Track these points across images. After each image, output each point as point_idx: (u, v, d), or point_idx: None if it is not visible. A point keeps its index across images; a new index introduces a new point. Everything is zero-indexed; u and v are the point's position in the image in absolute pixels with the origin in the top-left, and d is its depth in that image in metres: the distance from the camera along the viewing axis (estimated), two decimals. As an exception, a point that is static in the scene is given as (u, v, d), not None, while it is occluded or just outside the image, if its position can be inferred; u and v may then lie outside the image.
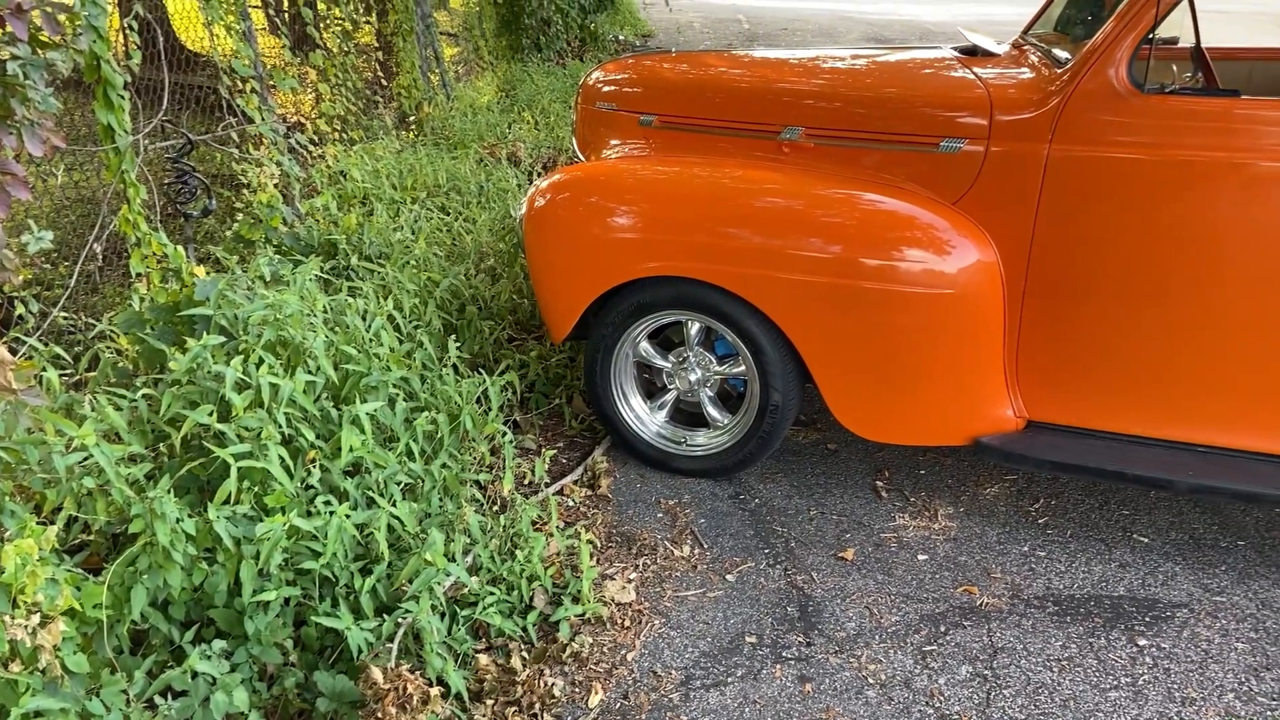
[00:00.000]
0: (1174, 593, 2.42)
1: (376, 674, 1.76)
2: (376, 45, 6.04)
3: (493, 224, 4.03)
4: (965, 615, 2.35)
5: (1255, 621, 2.31)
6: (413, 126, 6.03)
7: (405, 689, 1.72)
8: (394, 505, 2.18)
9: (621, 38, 9.91)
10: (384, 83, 6.17)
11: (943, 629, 2.30)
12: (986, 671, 2.17)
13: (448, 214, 4.22)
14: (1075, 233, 2.42)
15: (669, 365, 2.91)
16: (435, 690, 1.80)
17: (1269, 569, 2.50)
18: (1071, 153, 2.40)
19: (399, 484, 2.30)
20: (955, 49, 3.12)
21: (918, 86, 2.81)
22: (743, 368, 2.81)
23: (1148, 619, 2.32)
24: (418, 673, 1.86)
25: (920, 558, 2.57)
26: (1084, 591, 2.43)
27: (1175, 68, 2.95)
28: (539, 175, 5.15)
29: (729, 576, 2.50)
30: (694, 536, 2.66)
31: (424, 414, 2.45)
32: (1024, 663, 2.19)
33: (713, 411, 2.92)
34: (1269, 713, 2.04)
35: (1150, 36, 2.31)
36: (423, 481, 2.38)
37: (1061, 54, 2.57)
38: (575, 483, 2.86)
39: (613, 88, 3.24)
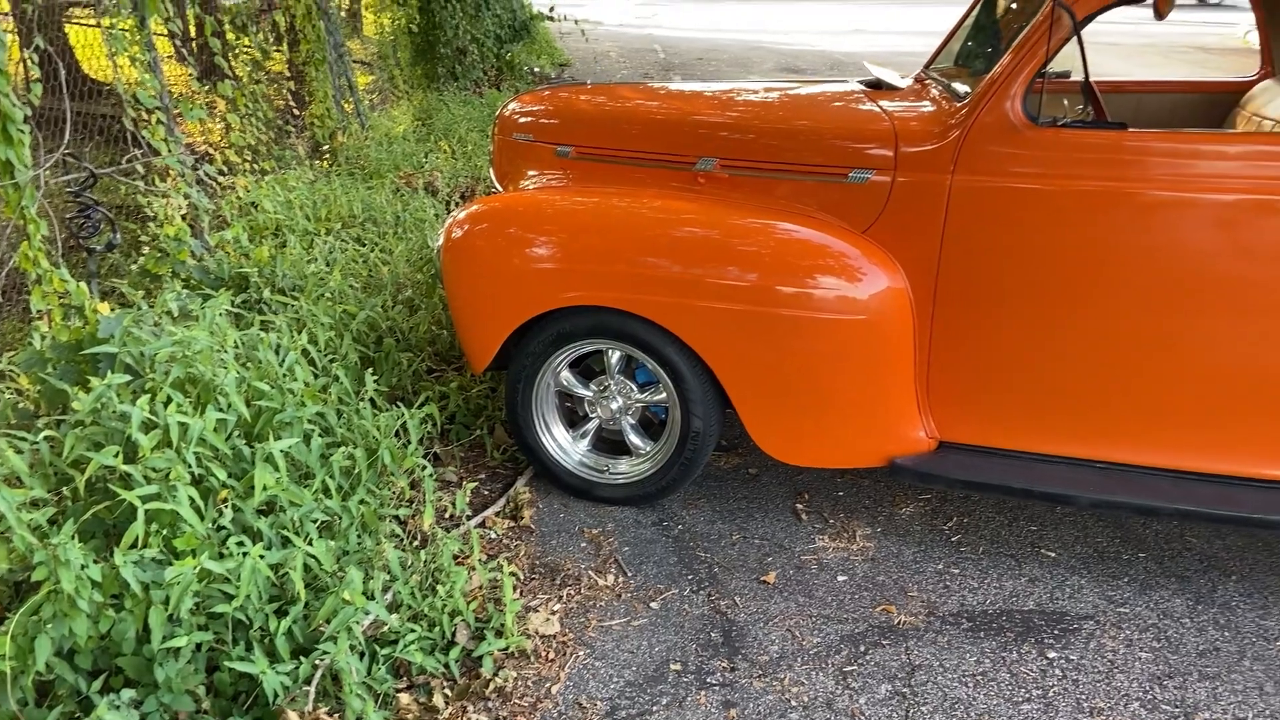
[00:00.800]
0: (1080, 605, 2.50)
1: (293, 718, 1.72)
2: (288, 74, 5.95)
3: (410, 254, 4.00)
4: (884, 634, 2.40)
5: (1157, 631, 2.41)
6: (327, 156, 5.95)
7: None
8: (310, 544, 2.14)
9: (537, 69, 9.95)
10: (296, 112, 6.09)
11: (862, 649, 2.34)
12: (905, 689, 2.21)
13: (363, 245, 4.18)
14: (978, 260, 2.52)
15: (590, 394, 2.92)
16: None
17: (1168, 579, 2.61)
18: (973, 183, 2.49)
19: (315, 522, 2.26)
20: (861, 82, 3.21)
21: (827, 119, 2.89)
22: (664, 395, 2.84)
23: (1056, 631, 2.40)
24: (336, 716, 1.82)
25: (840, 578, 2.62)
26: (996, 607, 2.50)
27: (1066, 101, 3.09)
28: (457, 205, 5.13)
29: (653, 604, 2.51)
30: (618, 565, 2.66)
31: (341, 449, 2.41)
32: (940, 679, 2.24)
33: (635, 439, 2.93)
34: None
35: (1043, 72, 2.42)
36: (340, 519, 2.34)
37: (961, 88, 2.67)
38: (497, 514, 2.84)
39: (529, 119, 3.26)
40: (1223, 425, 2.46)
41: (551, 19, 10.11)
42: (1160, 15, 2.25)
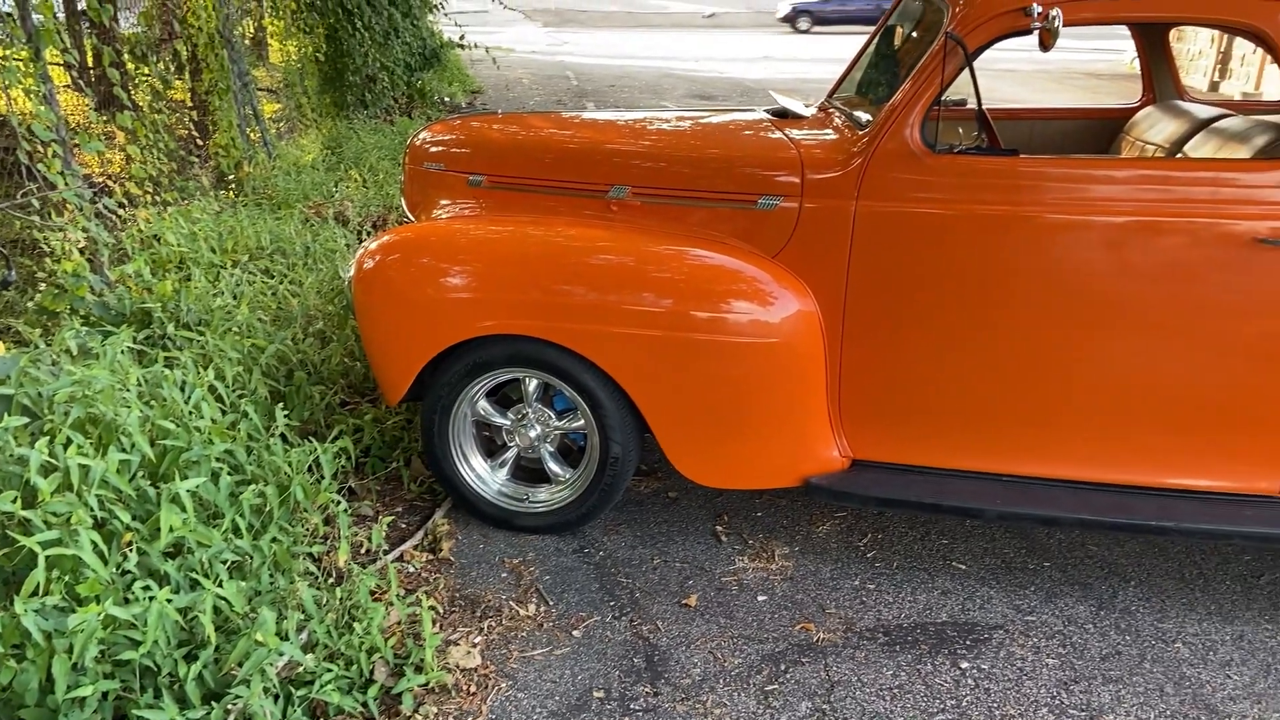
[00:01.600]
0: (990, 615, 2.58)
1: (206, 767, 1.67)
2: (190, 104, 5.82)
3: (321, 285, 3.94)
4: (803, 652, 2.43)
5: (1063, 638, 2.49)
6: (232, 186, 5.83)
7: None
8: (220, 585, 2.08)
9: (448, 99, 9.91)
10: (200, 142, 5.96)
11: (783, 667, 2.38)
12: (825, 706, 2.25)
13: (272, 277, 4.10)
14: (884, 283, 2.59)
15: (508, 423, 2.91)
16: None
17: (1072, 587, 2.71)
18: (876, 208, 2.57)
19: (225, 563, 2.20)
20: (768, 111, 3.29)
21: (736, 147, 2.96)
22: (582, 422, 2.84)
23: (968, 642, 2.47)
24: (251, 761, 1.77)
25: (760, 598, 2.65)
26: (911, 620, 2.56)
27: (961, 129, 3.21)
28: (369, 234, 5.07)
29: (575, 632, 2.50)
30: (539, 594, 2.65)
31: (251, 487, 2.36)
32: (859, 694, 2.28)
33: (554, 467, 2.93)
34: (1078, 721, 2.20)
35: (938, 100, 2.52)
36: (251, 558, 2.28)
37: (863, 116, 2.76)
38: (416, 548, 2.81)
39: (440, 148, 3.25)
40: (1116, 437, 2.57)
41: (462, 47, 10.09)
42: (1045, 48, 2.36)
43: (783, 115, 3.24)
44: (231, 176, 5.99)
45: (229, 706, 1.91)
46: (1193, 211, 2.41)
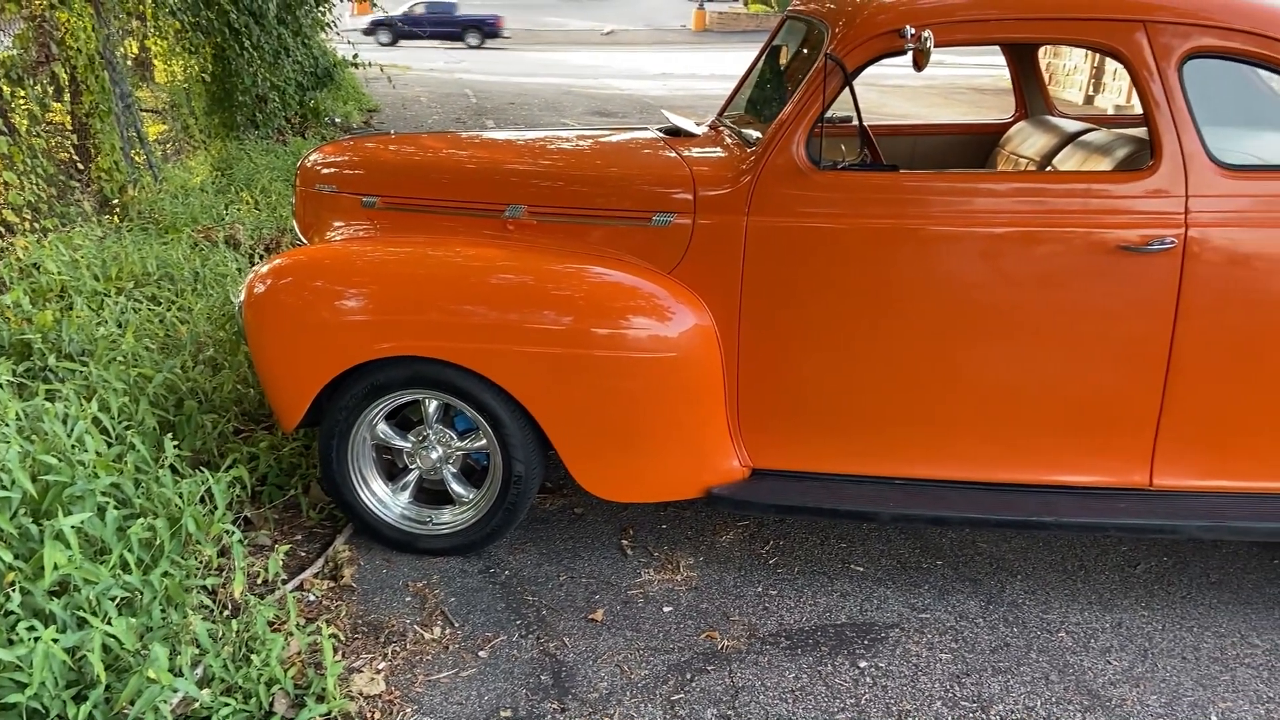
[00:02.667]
0: (887, 615, 2.66)
1: (95, 812, 1.62)
2: (70, 127, 5.61)
3: (211, 312, 3.84)
4: (708, 660, 2.47)
5: (955, 633, 2.59)
6: (117, 211, 5.63)
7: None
8: (109, 623, 2.02)
9: (338, 120, 9.76)
10: (81, 166, 5.74)
11: (688, 676, 2.41)
12: (730, 712, 2.29)
13: (159, 304, 3.97)
14: (776, 295, 2.66)
15: (409, 445, 2.89)
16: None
17: (963, 583, 2.82)
18: (766, 223, 2.64)
19: (114, 599, 2.13)
20: (660, 130, 3.35)
21: (630, 166, 3.00)
22: (484, 442, 2.84)
23: (866, 642, 2.55)
24: (145, 803, 1.72)
25: (665, 610, 2.68)
26: (811, 623, 2.62)
27: (844, 146, 3.31)
28: (261, 257, 4.96)
29: (482, 653, 2.49)
30: (444, 617, 2.63)
31: (139, 520, 2.29)
32: (762, 698, 2.33)
33: (457, 488, 2.92)
34: (970, 715, 2.29)
35: (822, 118, 2.61)
36: (141, 594, 2.21)
37: (752, 134, 2.83)
38: (316, 575, 2.76)
39: (333, 170, 3.21)
40: (1000, 438, 2.68)
41: (356, 65, 9.96)
42: (918, 68, 2.47)
43: (675, 133, 3.30)
44: (116, 201, 5.79)
45: (120, 747, 1.85)
46: (1060, 221, 2.54)
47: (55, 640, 1.88)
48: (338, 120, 9.67)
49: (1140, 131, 2.84)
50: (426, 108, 13.84)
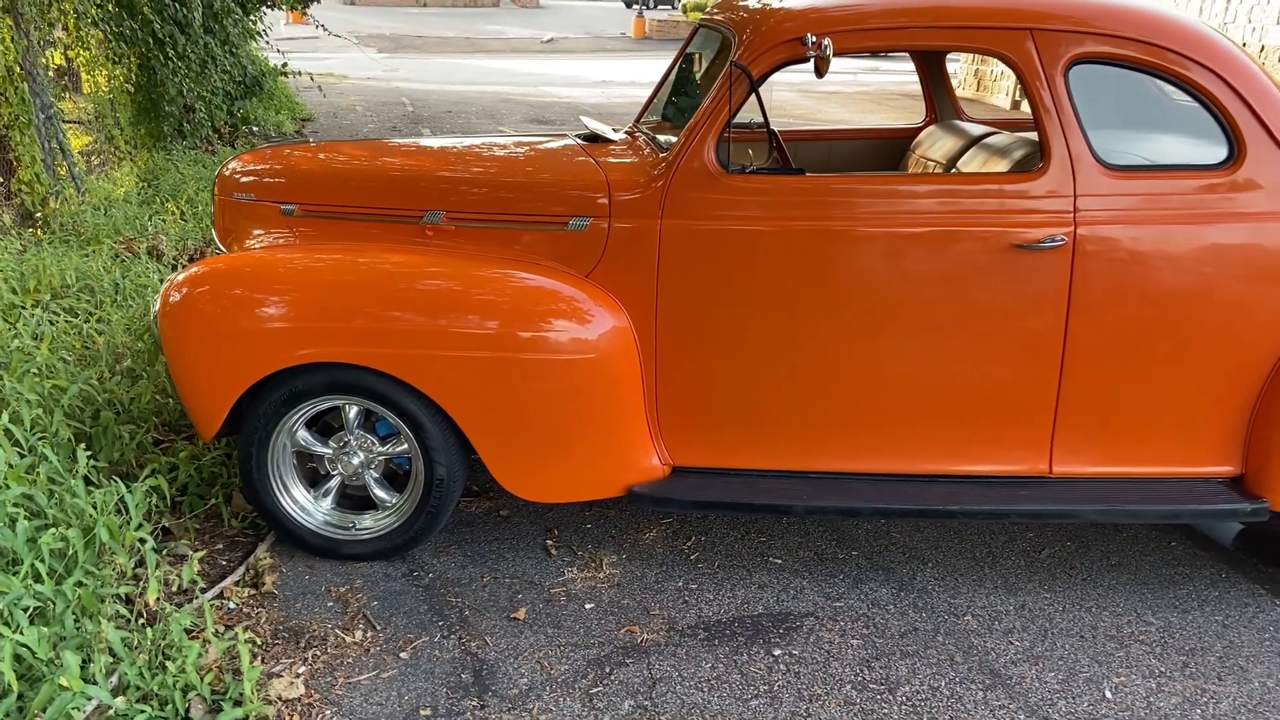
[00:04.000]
0: (802, 604, 2.74)
1: (-2, 818, 1.62)
2: (-13, 139, 5.50)
3: (130, 323, 3.81)
4: (627, 654, 2.52)
5: (867, 620, 2.68)
6: (39, 224, 5.53)
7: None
8: (20, 633, 2.01)
9: (255, 129, 9.66)
10: (0, 179, 5.63)
11: (607, 669, 2.46)
12: (646, 702, 2.34)
13: (76, 315, 3.92)
14: (691, 295, 2.73)
15: (330, 451, 2.90)
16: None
17: (876, 572, 2.91)
18: (679, 226, 2.71)
19: (25, 609, 2.12)
20: (578, 136, 3.40)
21: (546, 171, 3.06)
22: (405, 446, 2.86)
23: (781, 630, 2.62)
24: (52, 809, 1.72)
25: (587, 606, 2.73)
26: (729, 615, 2.69)
27: (752, 151, 3.40)
28: (185, 267, 4.91)
29: (403, 654, 2.52)
30: (366, 620, 2.65)
31: (51, 530, 2.27)
32: (679, 688, 2.39)
33: (379, 492, 2.93)
34: (878, 697, 2.37)
35: (730, 124, 2.68)
36: (54, 604, 2.20)
37: (665, 139, 2.90)
38: (237, 583, 2.75)
39: (251, 178, 3.21)
40: (907, 430, 2.78)
41: (285, 74, 9.86)
42: (820, 74, 2.56)
43: (593, 140, 3.35)
44: (38, 214, 5.68)
45: (28, 756, 1.85)
46: (958, 221, 2.65)
47: (-39, 651, 1.87)
48: (255, 130, 9.56)
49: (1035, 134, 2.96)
50: (362, 116, 13.72)
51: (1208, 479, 2.77)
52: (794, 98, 17.05)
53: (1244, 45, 12.44)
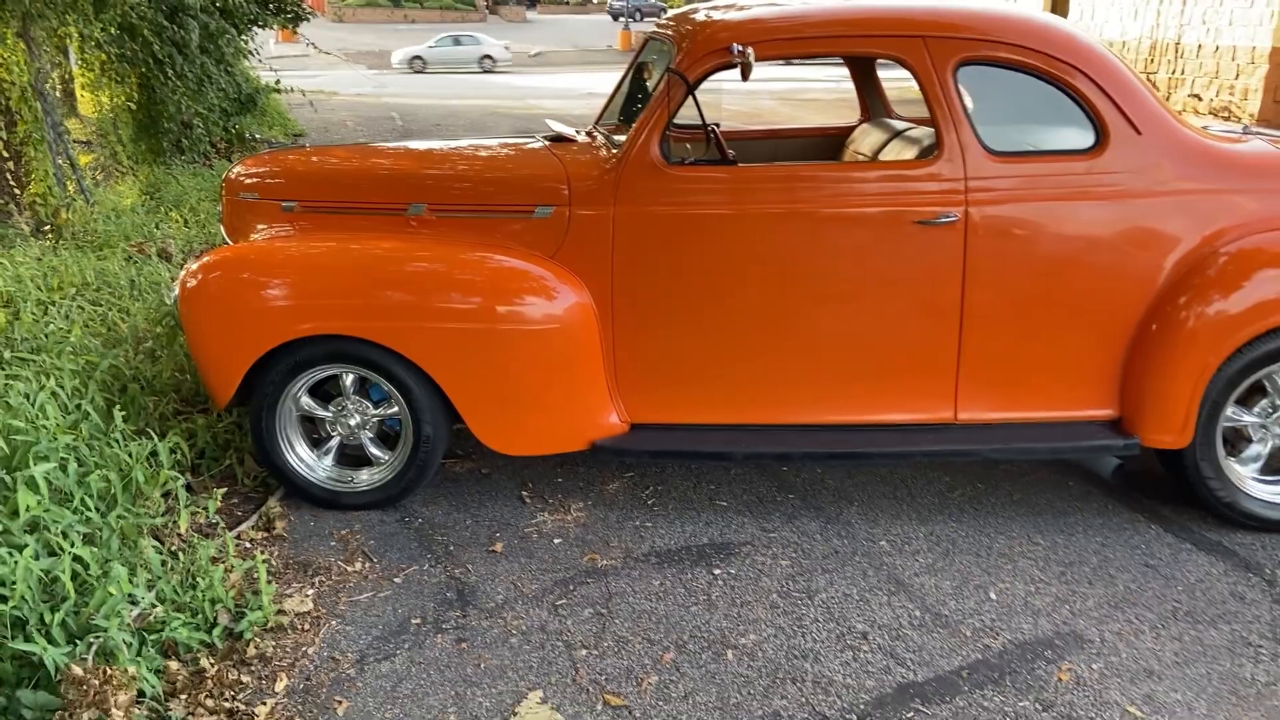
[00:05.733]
0: (741, 536, 3.17)
1: (77, 670, 2.03)
2: (5, 154, 5.93)
3: (148, 312, 4.23)
4: (588, 575, 2.95)
5: (796, 546, 3.10)
6: (50, 235, 5.95)
7: (106, 673, 2.01)
8: (75, 550, 2.43)
9: (258, 136, 10.11)
10: (16, 191, 6.05)
11: (571, 587, 2.88)
12: (603, 611, 2.77)
13: (100, 306, 4.35)
14: (641, 273, 3.16)
15: (330, 415, 3.32)
16: (132, 669, 2.09)
17: (809, 511, 3.33)
18: (630, 212, 3.14)
19: (79, 534, 2.54)
20: (545, 137, 3.84)
21: (515, 166, 3.50)
22: (396, 409, 3.28)
23: (721, 555, 3.05)
24: (115, 672, 2.13)
25: (556, 541, 3.15)
26: (678, 545, 3.12)
27: (690, 146, 3.83)
28: (197, 257, 5.32)
29: (396, 580, 2.94)
30: (364, 555, 3.07)
31: (97, 472, 2.70)
32: (631, 600, 2.82)
33: (374, 450, 3.35)
34: (799, 602, 2.80)
35: (670, 122, 3.12)
36: (101, 532, 2.62)
37: (619, 138, 3.34)
38: (252, 528, 3.17)
39: (255, 179, 3.64)
40: (831, 387, 3.20)
41: (278, 91, 10.31)
42: (745, 78, 3.00)
43: (558, 140, 3.79)
44: (49, 224, 6.10)
45: (91, 640, 2.26)
46: (870, 202, 3.09)
47: (35, 560, 2.28)
48: (258, 136, 10.00)
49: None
50: (352, 131, 14.18)
51: (1090, 421, 3.20)
52: (774, 105, 17.55)
53: (1198, 46, 12.97)
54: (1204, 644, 2.59)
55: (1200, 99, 12.99)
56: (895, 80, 3.85)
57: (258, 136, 10.03)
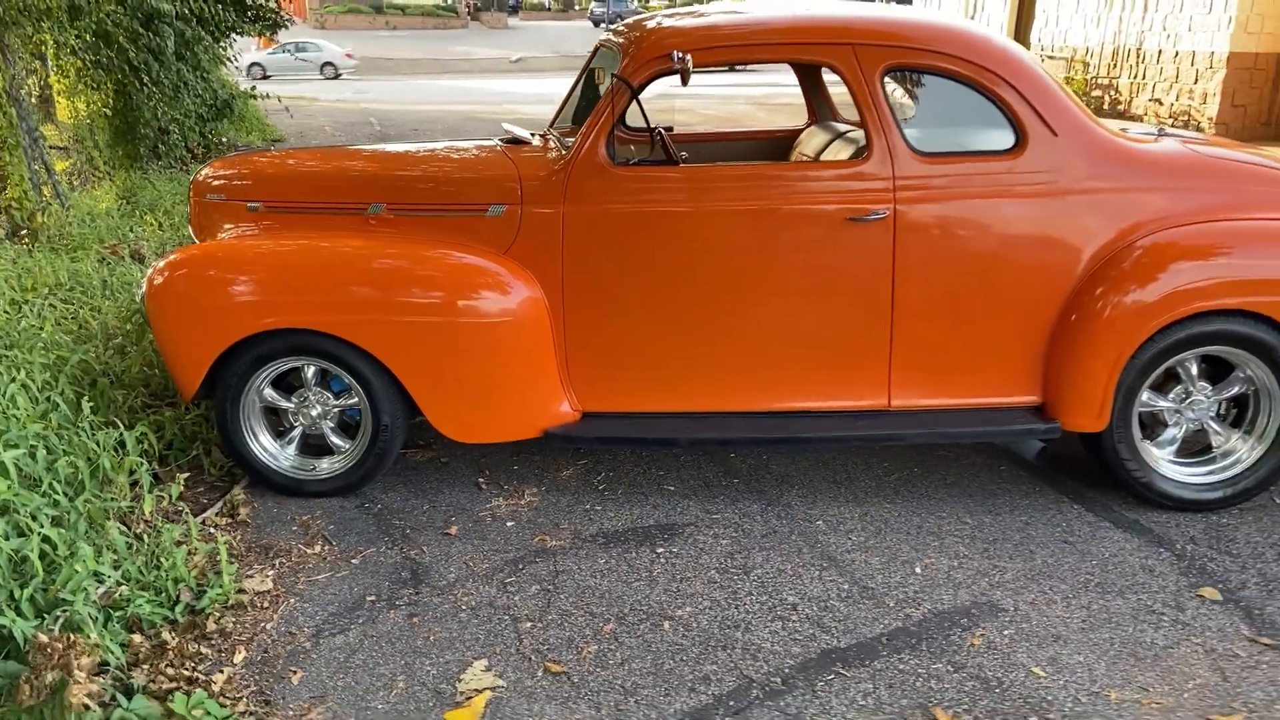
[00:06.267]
0: (685, 518, 3.33)
1: (43, 637, 2.17)
2: (-21, 158, 6.03)
3: (119, 310, 4.36)
4: (537, 555, 3.10)
5: (736, 526, 3.26)
6: (26, 239, 6.06)
7: (70, 639, 2.14)
8: (43, 530, 2.56)
9: (238, 143, 10.23)
10: (-9, 194, 6.15)
11: (520, 566, 3.04)
12: (550, 586, 2.92)
13: (71, 304, 4.48)
14: (591, 268, 3.32)
15: (292, 406, 3.46)
16: (96, 638, 2.23)
17: (752, 494, 3.49)
18: (578, 210, 3.30)
19: (47, 517, 2.67)
20: (501, 140, 3.99)
21: (470, 168, 3.65)
22: (356, 400, 3.43)
23: (665, 536, 3.20)
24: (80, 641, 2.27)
25: (508, 524, 3.30)
26: (624, 526, 3.27)
27: (634, 147, 4.00)
28: (165, 255, 5.45)
29: (354, 560, 3.08)
30: (324, 538, 3.21)
31: (65, 458, 2.83)
32: (577, 577, 2.97)
33: (335, 440, 3.50)
34: (735, 577, 2.96)
35: (616, 125, 3.28)
36: (69, 515, 2.75)
37: (569, 141, 3.49)
38: (217, 514, 3.31)
39: (221, 181, 3.78)
40: (771, 375, 3.36)
41: (254, 97, 10.43)
42: (684, 83, 3.16)
43: (513, 142, 3.95)
44: (25, 229, 6.21)
45: (58, 615, 2.39)
46: (804, 200, 3.25)
47: (4, 540, 2.42)
48: (225, 140, 10.12)
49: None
50: (331, 137, 14.29)
51: (1015, 407, 3.38)
52: (750, 110, 17.77)
53: (1159, 52, 13.24)
54: (1110, 612, 2.76)
55: (1161, 103, 13.27)
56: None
57: (237, 144, 10.14)
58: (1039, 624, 2.71)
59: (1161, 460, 3.34)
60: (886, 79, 3.22)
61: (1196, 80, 12.59)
